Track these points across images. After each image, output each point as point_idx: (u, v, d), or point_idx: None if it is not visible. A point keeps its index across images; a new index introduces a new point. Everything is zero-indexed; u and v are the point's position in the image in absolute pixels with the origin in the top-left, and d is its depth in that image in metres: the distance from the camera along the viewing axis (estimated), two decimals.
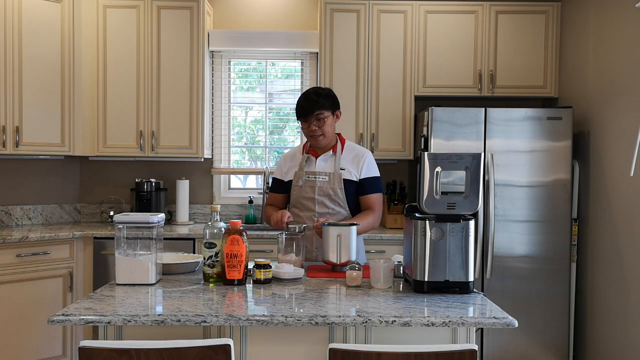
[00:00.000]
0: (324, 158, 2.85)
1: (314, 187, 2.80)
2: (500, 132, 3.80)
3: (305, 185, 2.81)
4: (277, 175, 2.96)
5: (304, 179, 2.82)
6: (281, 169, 2.95)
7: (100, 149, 4.20)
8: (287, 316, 1.80)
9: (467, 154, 2.15)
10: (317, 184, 2.79)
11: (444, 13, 4.20)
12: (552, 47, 4.20)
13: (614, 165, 3.52)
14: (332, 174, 2.79)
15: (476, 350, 1.65)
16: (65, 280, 3.76)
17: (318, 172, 2.81)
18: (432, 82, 4.21)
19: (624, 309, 3.38)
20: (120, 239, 2.20)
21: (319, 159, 2.84)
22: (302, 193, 2.82)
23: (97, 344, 1.62)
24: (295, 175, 2.86)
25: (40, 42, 3.89)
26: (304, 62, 4.61)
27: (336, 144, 2.86)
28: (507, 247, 3.81)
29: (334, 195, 2.78)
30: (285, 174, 2.91)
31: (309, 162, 2.86)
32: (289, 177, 2.89)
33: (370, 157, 2.87)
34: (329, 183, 2.79)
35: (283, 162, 2.96)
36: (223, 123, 4.64)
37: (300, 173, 2.84)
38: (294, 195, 2.86)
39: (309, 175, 2.81)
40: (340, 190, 2.78)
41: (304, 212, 2.81)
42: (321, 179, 2.80)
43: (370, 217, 2.78)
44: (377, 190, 2.84)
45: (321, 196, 2.78)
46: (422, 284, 2.12)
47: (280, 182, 2.93)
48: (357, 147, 2.95)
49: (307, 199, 2.80)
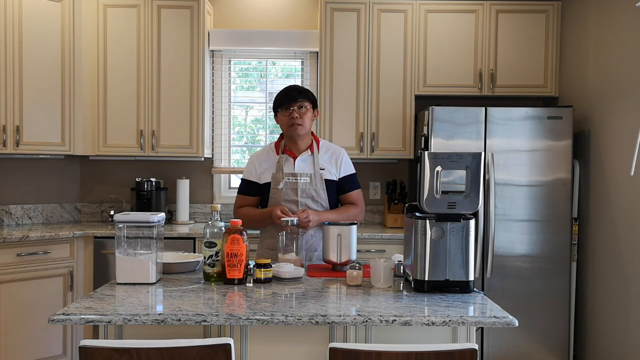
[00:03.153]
0: (302, 158, 2.76)
1: (295, 189, 2.71)
2: (501, 131, 3.80)
3: (286, 187, 2.72)
4: (248, 176, 2.81)
5: (284, 181, 2.73)
6: (254, 170, 2.80)
7: (101, 148, 4.20)
8: (288, 315, 1.80)
9: (467, 153, 2.14)
10: (300, 185, 2.72)
11: (445, 12, 4.20)
12: (552, 46, 4.20)
13: (614, 165, 3.52)
14: (312, 174, 2.74)
15: (476, 349, 1.65)
16: (66, 279, 3.76)
17: (299, 174, 2.73)
18: (432, 81, 4.21)
19: (624, 308, 3.38)
20: (120, 239, 2.20)
21: (298, 159, 2.75)
22: (282, 196, 2.71)
23: (97, 343, 1.62)
24: (273, 177, 2.74)
25: (41, 41, 3.89)
26: (304, 61, 4.61)
27: (312, 144, 2.80)
28: (508, 246, 3.81)
29: (316, 197, 2.73)
30: (260, 175, 2.78)
31: (287, 163, 2.75)
32: (265, 179, 2.76)
33: (345, 154, 2.84)
34: (311, 184, 2.72)
35: (256, 162, 2.81)
36: (223, 122, 4.64)
37: (279, 175, 2.73)
38: (274, 199, 2.73)
39: (289, 177, 2.72)
40: (323, 191, 2.74)
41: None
42: (303, 180, 2.72)
43: (354, 210, 2.78)
44: (357, 186, 2.85)
45: (304, 198, 2.72)
46: (422, 284, 2.12)
47: (252, 184, 2.80)
48: (332, 145, 2.89)
49: (289, 202, 2.71)
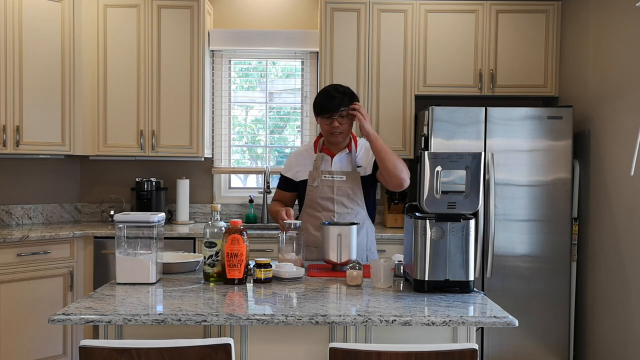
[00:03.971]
0: (340, 157, 2.77)
1: (332, 187, 2.73)
2: (501, 131, 3.80)
3: (322, 185, 2.74)
4: (287, 173, 2.86)
5: (320, 179, 2.74)
6: (292, 167, 2.85)
7: (101, 148, 4.20)
8: (288, 315, 1.80)
9: (467, 153, 2.15)
10: (335, 183, 2.73)
11: (445, 12, 4.20)
12: (552, 46, 4.20)
13: (614, 165, 3.52)
14: (350, 173, 2.74)
15: (476, 349, 1.65)
16: (66, 279, 3.76)
17: (335, 172, 2.74)
18: (432, 81, 4.21)
19: (624, 308, 3.38)
20: (120, 239, 2.20)
21: (335, 157, 2.77)
22: (319, 193, 2.74)
23: (97, 343, 1.62)
24: (310, 175, 2.77)
25: (41, 41, 3.89)
26: (305, 61, 4.61)
27: (350, 142, 2.80)
28: (508, 246, 3.81)
29: (352, 195, 2.73)
30: (297, 173, 2.82)
31: (324, 161, 2.78)
32: (302, 177, 2.80)
33: None
34: (347, 182, 2.73)
35: (294, 160, 2.85)
36: (223, 122, 4.64)
37: (315, 173, 2.76)
38: (310, 196, 2.76)
39: (325, 174, 2.74)
40: (359, 190, 2.74)
41: (322, 213, 2.74)
42: (339, 178, 2.73)
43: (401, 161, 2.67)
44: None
45: (340, 196, 2.73)
46: (422, 283, 2.12)
47: (288, 181, 2.84)
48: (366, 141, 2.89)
49: (325, 199, 2.73)
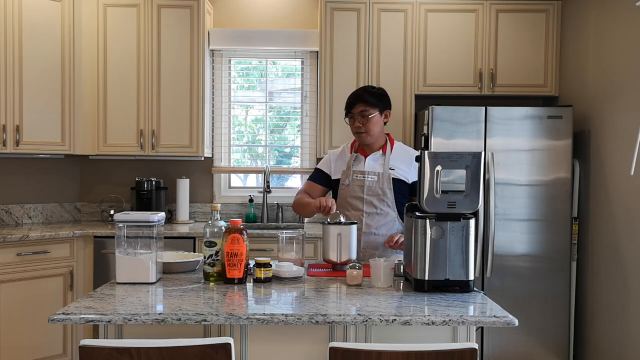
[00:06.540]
0: (373, 157, 2.79)
1: (362, 186, 2.74)
2: (501, 130, 3.80)
3: (353, 184, 2.76)
4: (324, 168, 2.89)
5: (351, 177, 2.76)
6: (329, 164, 2.88)
7: (101, 147, 4.20)
8: (288, 315, 1.80)
9: (467, 152, 2.14)
10: (366, 183, 2.74)
11: (445, 12, 4.20)
12: (552, 45, 4.20)
13: (614, 164, 3.52)
14: (381, 173, 2.74)
15: (476, 349, 1.65)
16: (66, 279, 3.76)
17: (367, 172, 2.76)
18: (432, 80, 4.21)
19: (624, 308, 3.38)
20: (120, 238, 2.20)
21: (369, 158, 2.79)
22: (349, 192, 2.76)
23: (97, 343, 1.62)
24: (342, 174, 2.80)
25: (41, 41, 3.89)
26: (305, 60, 4.61)
27: (386, 144, 2.81)
28: (508, 246, 3.81)
29: (382, 195, 2.74)
30: (333, 171, 2.86)
31: (357, 161, 2.80)
32: (337, 175, 2.83)
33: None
34: (377, 182, 2.74)
35: (332, 158, 2.89)
36: (223, 122, 4.64)
37: (347, 172, 2.78)
38: (341, 195, 2.79)
39: (357, 174, 2.76)
40: (390, 191, 2.74)
41: (351, 212, 2.75)
42: (370, 178, 2.74)
43: None
44: None
45: (370, 196, 2.74)
46: (422, 283, 2.11)
47: (323, 175, 2.88)
48: (409, 148, 2.92)
49: (355, 198, 2.75)
